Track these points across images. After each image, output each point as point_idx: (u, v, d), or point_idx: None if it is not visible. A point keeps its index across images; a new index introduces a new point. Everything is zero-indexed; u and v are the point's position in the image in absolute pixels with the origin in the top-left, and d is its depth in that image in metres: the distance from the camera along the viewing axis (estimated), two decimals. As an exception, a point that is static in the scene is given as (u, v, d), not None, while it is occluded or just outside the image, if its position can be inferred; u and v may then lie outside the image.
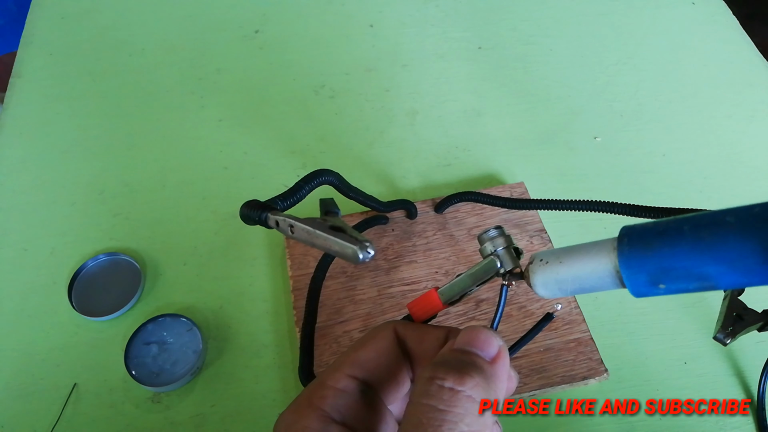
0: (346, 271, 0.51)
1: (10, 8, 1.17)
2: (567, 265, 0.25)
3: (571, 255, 0.25)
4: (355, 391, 0.26)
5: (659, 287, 0.22)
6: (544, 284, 0.26)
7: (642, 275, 0.22)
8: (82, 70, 0.69)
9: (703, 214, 0.21)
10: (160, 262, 0.53)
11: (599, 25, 0.74)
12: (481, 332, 0.25)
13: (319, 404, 0.25)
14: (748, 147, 0.63)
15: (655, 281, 0.22)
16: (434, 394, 0.22)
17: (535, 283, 0.27)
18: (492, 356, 0.24)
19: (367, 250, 0.26)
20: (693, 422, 0.45)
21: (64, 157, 0.61)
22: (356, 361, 0.27)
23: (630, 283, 0.23)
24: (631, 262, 0.22)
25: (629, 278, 0.23)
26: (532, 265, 0.27)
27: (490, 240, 0.29)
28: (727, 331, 0.41)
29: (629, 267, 0.23)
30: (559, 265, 0.26)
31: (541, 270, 0.26)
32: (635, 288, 0.23)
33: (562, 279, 0.26)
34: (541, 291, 0.27)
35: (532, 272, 0.27)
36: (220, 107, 0.65)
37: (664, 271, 0.22)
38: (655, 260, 0.22)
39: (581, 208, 0.48)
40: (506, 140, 0.63)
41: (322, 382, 0.26)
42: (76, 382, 0.46)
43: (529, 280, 0.27)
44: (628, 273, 0.23)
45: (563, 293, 0.26)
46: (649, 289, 0.22)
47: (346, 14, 0.75)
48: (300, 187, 0.35)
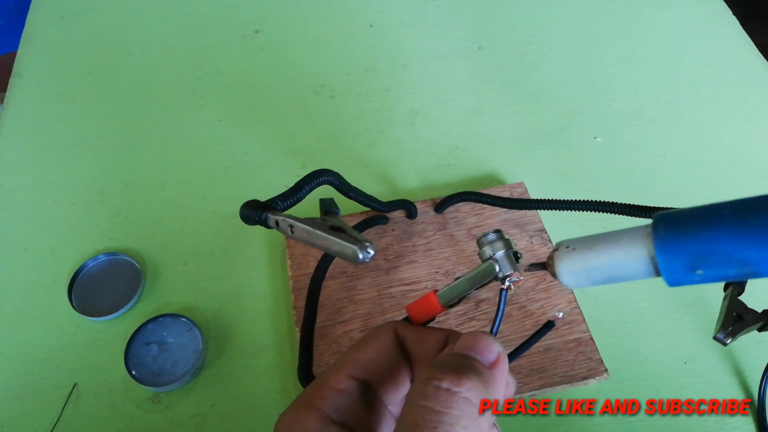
0: (346, 271, 0.51)
1: (10, 8, 1.17)
2: (596, 252, 0.24)
3: (602, 241, 0.24)
4: (355, 392, 0.26)
5: (696, 273, 0.21)
6: (571, 272, 0.25)
7: (679, 260, 0.21)
8: (82, 70, 0.69)
9: (745, 198, 0.20)
10: (160, 262, 0.53)
11: (599, 25, 0.74)
12: (481, 338, 0.25)
13: (319, 404, 0.25)
14: (748, 147, 0.62)
15: (693, 267, 0.21)
16: (431, 395, 0.22)
17: (560, 271, 0.25)
18: (491, 361, 0.24)
19: (367, 250, 0.26)
20: (693, 422, 0.45)
21: (64, 157, 0.61)
22: (356, 361, 0.27)
23: (666, 269, 0.22)
24: (668, 246, 0.21)
25: (665, 263, 0.21)
26: (557, 252, 0.25)
27: (489, 244, 0.29)
28: (727, 331, 0.41)
29: (666, 252, 0.21)
30: (587, 251, 0.24)
31: (567, 257, 0.25)
32: (671, 274, 0.22)
33: (591, 267, 0.24)
34: (567, 279, 0.25)
35: (558, 260, 0.25)
36: (220, 107, 0.65)
37: (704, 256, 0.20)
38: (693, 244, 0.21)
39: (581, 208, 0.48)
40: (506, 140, 0.63)
41: (322, 383, 0.26)
42: (76, 382, 0.46)
43: (554, 268, 0.25)
44: (665, 257, 0.21)
45: (590, 282, 0.25)
46: (686, 276, 0.21)
47: (346, 14, 0.75)
48: (300, 187, 0.35)
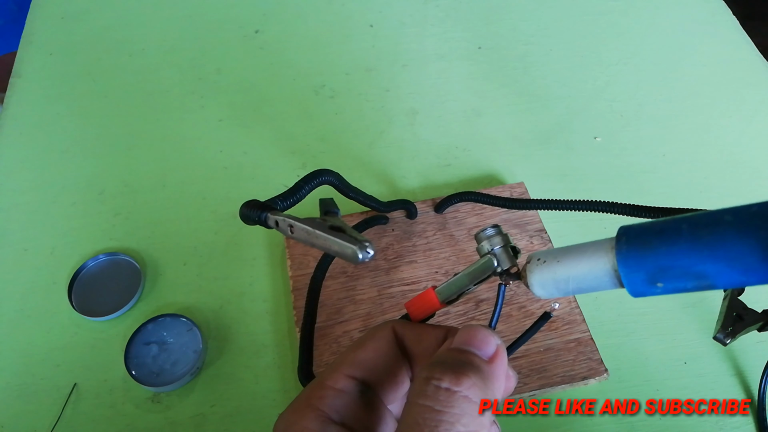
0: (346, 271, 0.51)
1: (10, 8, 1.17)
2: (564, 265, 0.25)
3: (569, 254, 0.25)
4: (354, 391, 0.26)
5: (657, 286, 0.22)
6: (542, 284, 0.26)
7: (640, 274, 0.22)
8: (82, 70, 0.69)
9: (702, 213, 0.21)
10: (160, 262, 0.53)
11: (599, 25, 0.74)
12: (479, 331, 0.25)
13: (318, 405, 0.25)
14: (748, 147, 0.62)
15: (653, 280, 0.22)
16: (431, 395, 0.22)
17: (532, 282, 0.26)
18: (489, 355, 0.24)
19: (367, 250, 0.26)
20: (693, 422, 0.45)
21: (64, 157, 0.61)
22: (355, 361, 0.27)
23: (628, 282, 0.23)
24: (628, 261, 0.22)
25: (627, 277, 0.23)
26: (529, 264, 0.27)
27: (487, 239, 0.29)
28: (727, 331, 0.41)
29: (627, 266, 0.22)
30: (556, 264, 0.25)
31: (538, 269, 0.26)
32: (633, 287, 0.23)
33: (559, 278, 0.25)
34: (539, 291, 0.27)
35: (529, 272, 0.27)
36: (220, 107, 0.65)
37: (662, 270, 0.22)
38: (653, 259, 0.22)
39: (581, 208, 0.48)
40: (506, 140, 0.63)
41: (321, 383, 0.26)
42: (76, 382, 0.46)
43: (526, 279, 0.27)
44: (626, 272, 0.23)
45: (560, 293, 0.26)
46: (647, 288, 0.22)
47: (346, 14, 0.75)
48: (300, 187, 0.35)
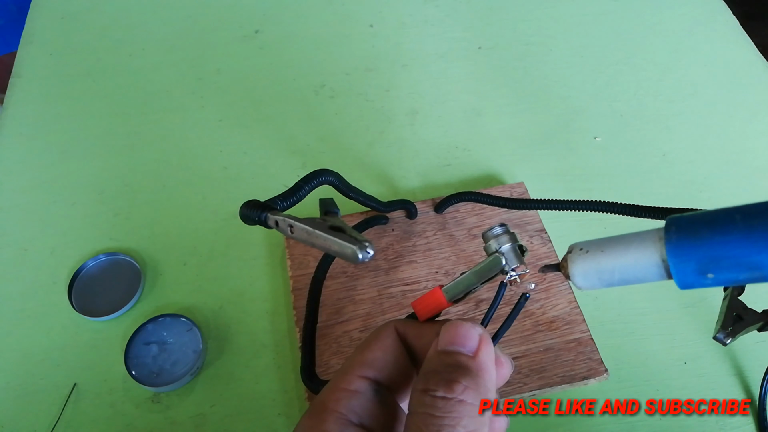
0: (346, 271, 0.51)
1: (10, 8, 1.17)
2: (609, 255, 0.24)
3: (614, 244, 0.25)
4: (369, 391, 0.26)
5: (707, 277, 0.21)
6: (584, 274, 0.25)
7: (690, 264, 0.21)
8: (82, 70, 0.69)
9: (756, 204, 0.21)
10: (160, 262, 0.53)
11: (599, 25, 0.74)
12: (459, 327, 0.25)
13: (336, 407, 0.25)
14: (748, 147, 0.62)
15: (704, 271, 0.21)
16: (429, 404, 0.23)
17: (574, 273, 0.26)
18: (474, 349, 0.25)
19: (367, 250, 0.26)
20: (693, 422, 0.45)
21: (64, 157, 0.61)
22: (364, 361, 0.27)
23: (677, 273, 0.22)
24: (679, 250, 0.22)
25: (677, 267, 0.22)
26: (571, 254, 0.26)
27: (494, 238, 0.29)
28: (727, 331, 0.41)
29: (677, 255, 0.22)
30: (600, 254, 0.25)
31: (581, 259, 0.25)
32: (682, 278, 0.22)
33: (603, 269, 0.25)
34: (580, 281, 0.26)
35: (572, 261, 0.26)
36: (220, 107, 0.65)
37: (714, 260, 0.21)
38: (704, 249, 0.21)
39: (581, 208, 0.48)
40: (506, 140, 0.63)
41: (335, 386, 0.26)
42: (76, 382, 0.46)
43: (567, 270, 0.26)
44: (676, 261, 0.22)
45: (603, 284, 0.25)
46: (697, 279, 0.22)
47: (346, 14, 0.75)
48: (300, 187, 0.35)
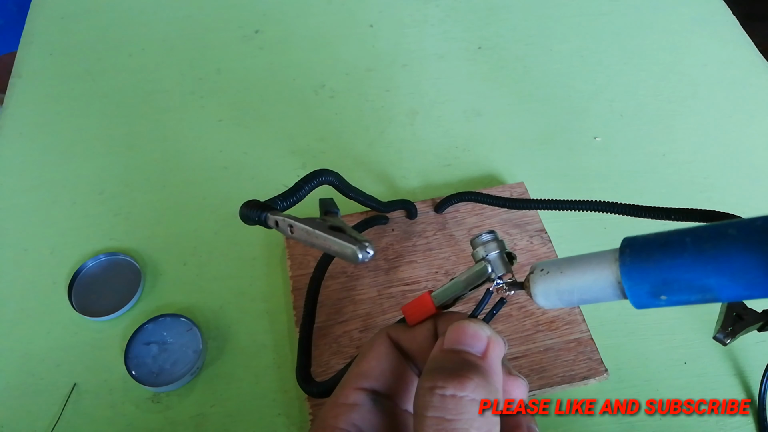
0: (346, 271, 0.51)
1: (10, 8, 1.17)
2: (568, 276, 0.25)
3: (572, 265, 0.25)
4: (367, 403, 0.26)
5: (661, 299, 0.22)
6: (545, 294, 0.26)
7: (644, 287, 0.22)
8: (82, 70, 0.69)
9: (706, 226, 0.21)
10: (160, 262, 0.53)
11: (599, 25, 0.74)
12: (468, 327, 0.25)
13: (335, 423, 0.25)
14: (748, 147, 0.62)
15: (656, 293, 0.22)
16: (439, 405, 0.22)
17: (535, 293, 0.27)
18: (482, 350, 0.24)
19: (367, 250, 0.26)
20: (693, 422, 0.45)
21: (64, 157, 0.61)
22: (360, 373, 0.27)
23: (631, 295, 0.23)
24: (632, 273, 0.22)
25: (631, 289, 0.23)
26: (533, 275, 0.27)
27: (482, 245, 0.29)
28: (727, 331, 0.41)
29: (631, 278, 0.22)
30: (560, 275, 0.25)
31: (542, 280, 0.26)
32: (637, 299, 0.23)
33: (563, 290, 0.25)
34: (542, 301, 0.27)
35: (533, 282, 0.27)
36: (220, 107, 0.65)
37: (666, 283, 0.22)
38: (657, 272, 0.22)
39: (581, 208, 0.48)
40: (506, 140, 0.63)
41: (333, 402, 0.26)
42: (76, 382, 0.46)
43: (530, 290, 0.27)
44: (630, 284, 0.23)
45: (564, 304, 0.26)
46: (651, 301, 0.22)
47: (346, 14, 0.75)
48: (300, 187, 0.35)
